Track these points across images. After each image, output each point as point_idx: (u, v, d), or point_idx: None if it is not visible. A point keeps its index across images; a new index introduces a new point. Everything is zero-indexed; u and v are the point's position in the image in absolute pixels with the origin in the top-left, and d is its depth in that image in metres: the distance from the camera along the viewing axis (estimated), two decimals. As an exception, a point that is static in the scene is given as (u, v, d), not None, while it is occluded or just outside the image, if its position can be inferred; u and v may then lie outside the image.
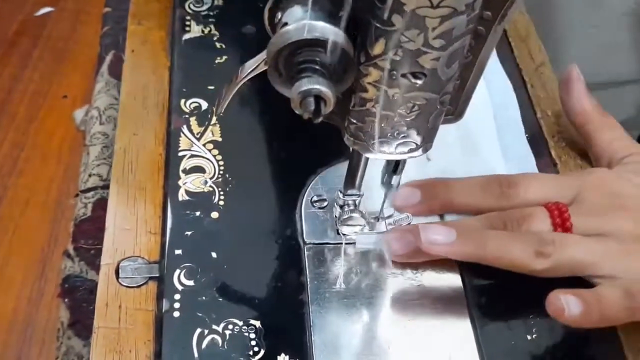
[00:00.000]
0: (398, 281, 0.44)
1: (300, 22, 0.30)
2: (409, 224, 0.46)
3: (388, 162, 0.44)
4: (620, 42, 0.74)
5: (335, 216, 0.46)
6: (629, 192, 0.45)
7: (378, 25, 0.31)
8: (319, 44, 0.30)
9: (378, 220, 0.46)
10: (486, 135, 0.53)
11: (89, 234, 0.56)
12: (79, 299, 0.52)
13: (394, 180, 0.44)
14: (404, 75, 0.33)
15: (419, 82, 0.33)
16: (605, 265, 0.42)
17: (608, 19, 0.72)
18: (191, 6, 0.59)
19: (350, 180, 0.43)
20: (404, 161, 0.42)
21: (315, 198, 0.47)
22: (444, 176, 0.47)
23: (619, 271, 0.42)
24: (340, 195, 0.44)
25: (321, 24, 0.30)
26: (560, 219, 0.42)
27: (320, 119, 0.31)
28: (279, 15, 0.32)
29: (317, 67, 0.31)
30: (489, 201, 0.45)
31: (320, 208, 0.47)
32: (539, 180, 0.46)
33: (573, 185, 0.45)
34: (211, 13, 0.58)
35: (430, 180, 0.47)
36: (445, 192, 0.46)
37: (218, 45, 0.56)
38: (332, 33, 0.30)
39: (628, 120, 0.63)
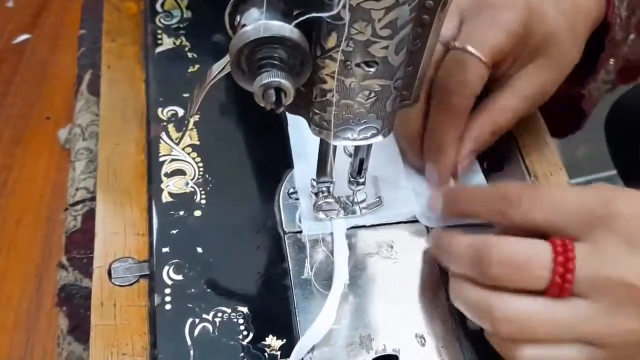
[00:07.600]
0: (374, 260, 0.47)
1: (257, 23, 0.33)
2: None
3: (352, 164, 0.46)
4: None
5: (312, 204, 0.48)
6: None
7: (329, 20, 0.34)
8: (275, 41, 0.33)
9: (352, 205, 0.48)
10: None
11: (81, 244, 0.58)
12: (76, 305, 0.55)
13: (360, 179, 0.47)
14: (357, 65, 0.36)
15: (372, 70, 0.36)
16: None
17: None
18: (162, 20, 0.61)
19: (322, 168, 0.45)
20: (366, 161, 0.45)
21: (291, 190, 0.50)
22: None
23: None
24: (314, 184, 0.47)
25: (276, 23, 0.33)
26: (564, 268, 0.36)
27: (281, 109, 0.34)
28: (238, 18, 0.35)
29: (275, 62, 0.33)
30: (492, 218, 0.43)
31: (297, 199, 0.50)
32: (544, 202, 0.39)
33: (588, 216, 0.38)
34: (181, 25, 0.61)
35: (452, 189, 0.48)
36: (456, 203, 0.46)
37: (190, 55, 0.59)
38: (286, 30, 0.33)
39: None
